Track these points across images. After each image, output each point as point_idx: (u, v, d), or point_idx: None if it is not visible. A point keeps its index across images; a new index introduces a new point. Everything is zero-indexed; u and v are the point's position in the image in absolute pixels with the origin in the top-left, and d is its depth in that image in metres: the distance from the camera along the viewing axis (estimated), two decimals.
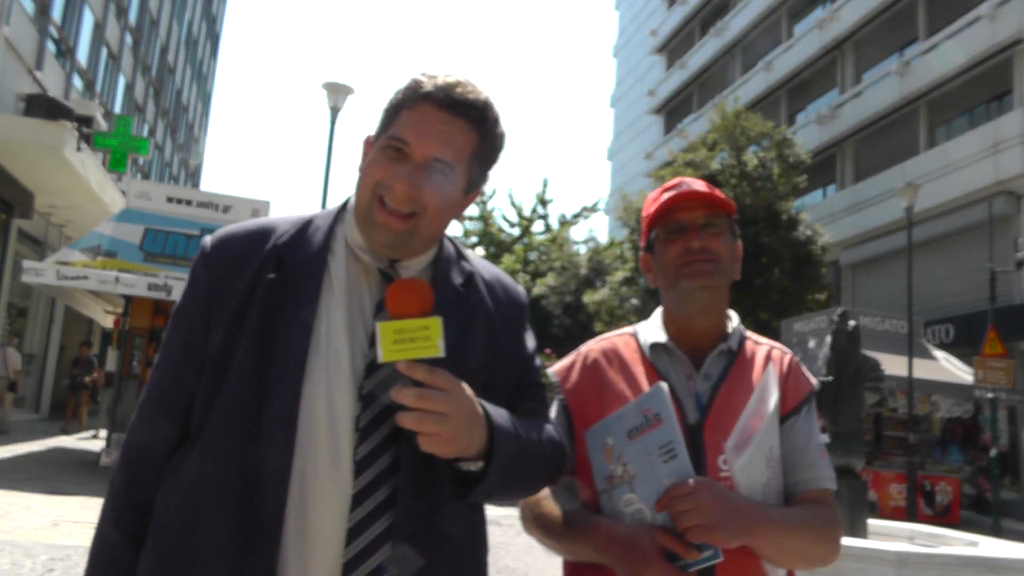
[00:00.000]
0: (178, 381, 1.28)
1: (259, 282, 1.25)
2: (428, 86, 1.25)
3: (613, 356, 1.60)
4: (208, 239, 1.33)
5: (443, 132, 1.23)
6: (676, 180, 1.60)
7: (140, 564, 1.23)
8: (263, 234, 1.30)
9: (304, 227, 1.31)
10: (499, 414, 1.25)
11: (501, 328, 1.37)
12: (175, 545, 1.19)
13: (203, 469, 1.20)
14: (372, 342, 1.23)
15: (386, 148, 1.24)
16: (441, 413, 1.13)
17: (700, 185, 1.57)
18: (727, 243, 1.55)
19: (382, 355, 1.13)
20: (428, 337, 1.13)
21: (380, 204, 1.23)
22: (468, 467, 1.22)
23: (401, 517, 1.19)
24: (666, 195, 1.56)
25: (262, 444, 1.17)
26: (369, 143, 1.32)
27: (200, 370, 1.26)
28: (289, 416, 1.18)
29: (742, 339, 1.59)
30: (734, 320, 1.63)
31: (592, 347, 1.65)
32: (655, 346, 1.57)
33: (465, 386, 1.18)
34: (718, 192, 1.57)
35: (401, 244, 1.25)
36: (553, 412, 1.55)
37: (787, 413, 1.51)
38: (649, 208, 1.60)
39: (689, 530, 1.29)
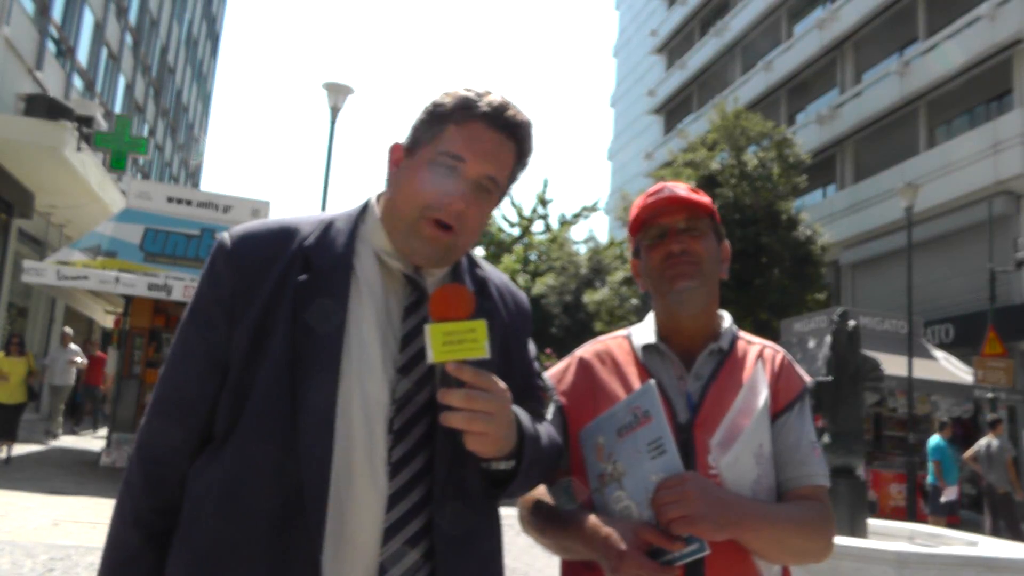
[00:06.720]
0: (199, 382, 1.26)
1: (286, 283, 1.24)
2: (483, 105, 1.27)
3: (606, 358, 1.62)
4: (227, 237, 1.29)
5: (495, 151, 1.28)
6: (659, 185, 1.62)
7: (171, 567, 1.22)
8: (287, 234, 1.29)
9: (327, 229, 1.30)
10: (523, 415, 1.30)
11: (511, 333, 1.40)
12: (213, 546, 1.18)
13: (238, 470, 1.19)
14: (403, 346, 1.26)
15: (435, 164, 1.25)
16: (488, 413, 1.16)
17: (682, 189, 1.59)
18: (709, 244, 1.57)
19: (432, 356, 1.15)
20: (475, 339, 1.17)
21: (430, 219, 1.25)
22: (499, 466, 1.26)
23: (438, 517, 1.21)
24: (648, 201, 1.58)
25: (299, 444, 1.17)
26: (400, 150, 1.31)
27: (223, 371, 1.24)
28: (326, 417, 1.18)
29: (734, 339, 1.61)
30: (726, 320, 1.64)
31: (586, 350, 1.68)
32: (647, 347, 1.59)
33: (506, 387, 1.21)
34: (698, 195, 1.59)
35: (441, 256, 1.29)
36: (549, 414, 1.58)
37: (779, 411, 1.52)
38: (632, 214, 1.62)
39: (672, 522, 1.30)
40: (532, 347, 1.50)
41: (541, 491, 1.55)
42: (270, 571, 1.15)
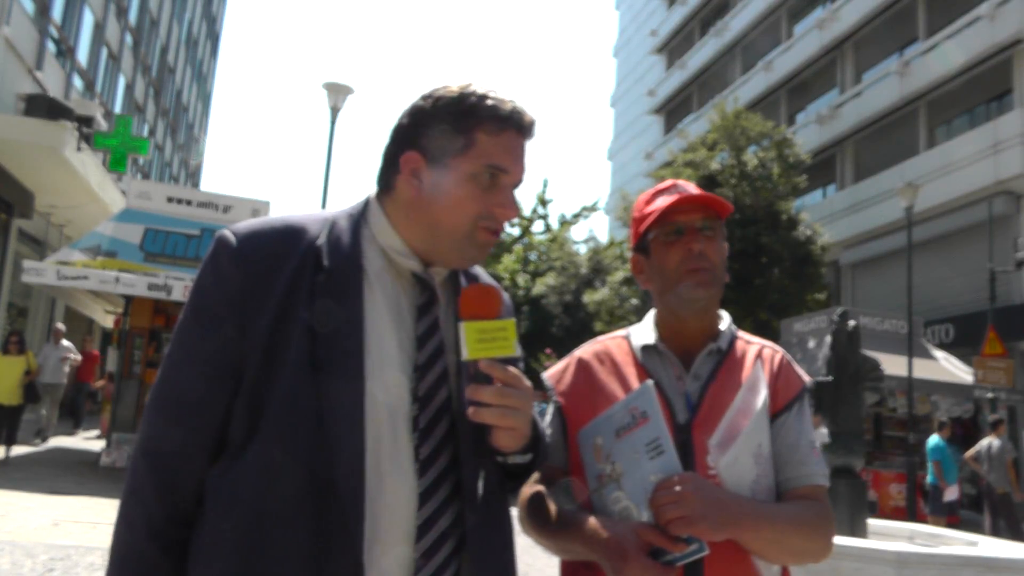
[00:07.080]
0: (205, 383, 1.21)
1: (300, 283, 1.21)
2: (508, 111, 1.27)
3: (605, 358, 1.62)
4: (231, 234, 1.24)
5: (524, 155, 1.32)
6: (668, 183, 1.61)
7: None
8: (294, 232, 1.26)
9: (332, 227, 1.28)
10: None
11: None
12: (249, 555, 1.14)
13: (265, 476, 1.15)
14: (420, 344, 1.26)
15: (480, 175, 1.26)
16: (518, 408, 1.20)
17: (693, 188, 1.58)
18: (721, 248, 1.57)
19: (467, 353, 1.19)
20: (506, 337, 1.21)
21: (484, 228, 1.28)
22: (516, 460, 1.29)
23: (468, 511, 1.22)
24: (663, 198, 1.57)
25: (329, 446, 1.15)
26: (418, 159, 1.27)
27: (230, 373, 1.20)
28: (355, 417, 1.17)
29: (733, 339, 1.60)
30: (725, 320, 1.64)
31: (585, 350, 1.67)
32: (646, 348, 1.59)
33: (530, 383, 1.24)
34: (712, 195, 1.58)
35: (483, 258, 1.35)
36: (548, 415, 1.58)
37: (778, 411, 1.52)
38: (643, 210, 1.60)
39: (671, 522, 1.30)
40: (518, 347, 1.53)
41: (540, 491, 1.55)
42: None
